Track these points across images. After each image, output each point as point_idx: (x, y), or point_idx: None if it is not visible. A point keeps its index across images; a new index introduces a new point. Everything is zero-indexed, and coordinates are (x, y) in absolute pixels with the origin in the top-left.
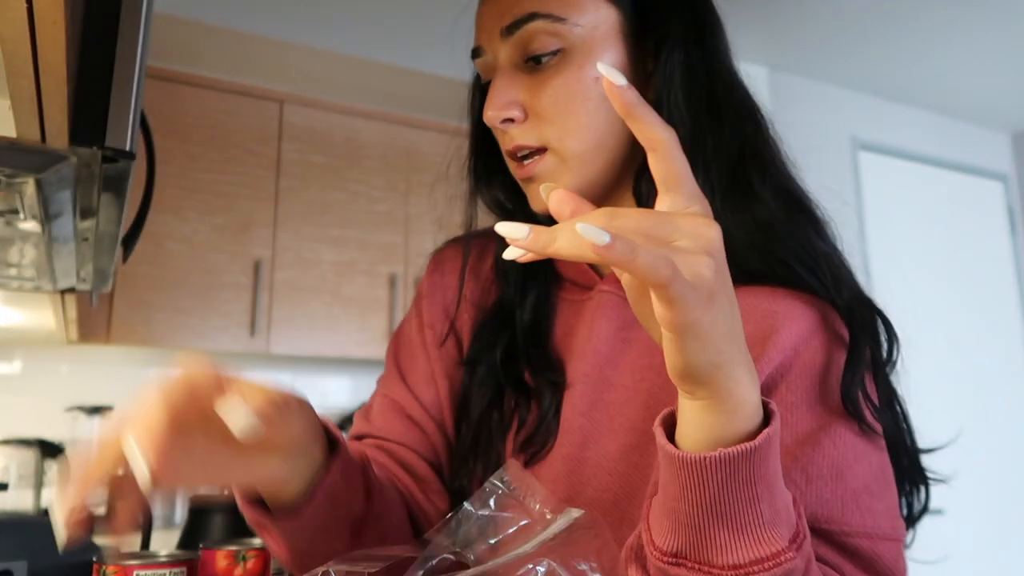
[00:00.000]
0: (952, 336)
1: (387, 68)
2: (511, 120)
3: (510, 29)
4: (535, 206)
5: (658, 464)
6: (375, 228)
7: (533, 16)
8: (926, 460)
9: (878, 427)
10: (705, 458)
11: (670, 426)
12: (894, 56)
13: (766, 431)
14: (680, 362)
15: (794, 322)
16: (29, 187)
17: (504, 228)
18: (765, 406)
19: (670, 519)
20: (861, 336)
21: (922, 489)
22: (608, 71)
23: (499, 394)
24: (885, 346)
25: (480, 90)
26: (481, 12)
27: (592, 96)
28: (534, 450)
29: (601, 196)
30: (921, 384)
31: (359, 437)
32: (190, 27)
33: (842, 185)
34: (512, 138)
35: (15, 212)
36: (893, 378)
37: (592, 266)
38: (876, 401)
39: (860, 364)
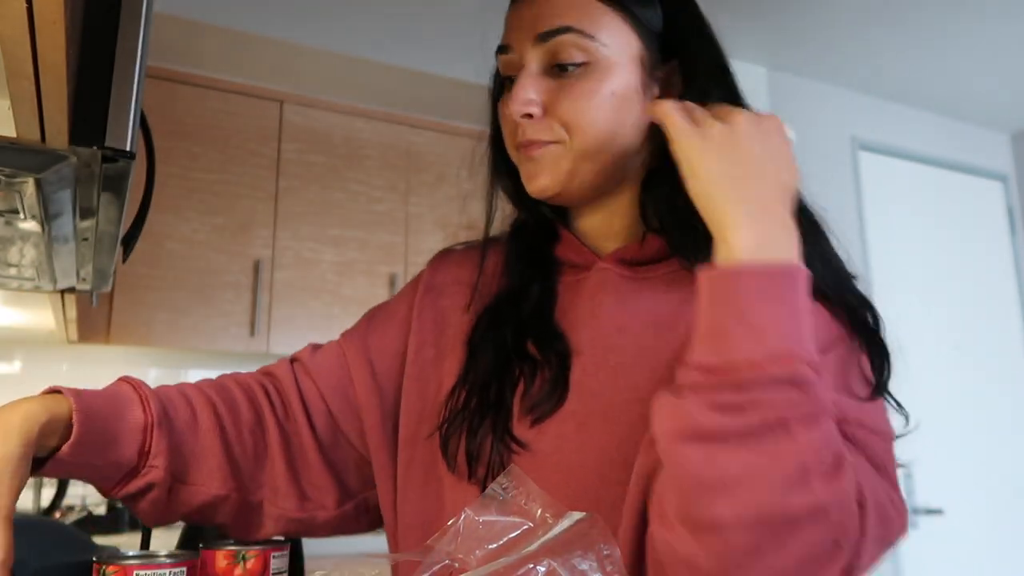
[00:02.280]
0: (952, 336)
1: (387, 68)
2: (529, 116)
3: (543, 37)
4: (531, 185)
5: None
6: (375, 228)
7: (567, 29)
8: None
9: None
10: (724, 271)
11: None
12: (894, 56)
13: (755, 262)
14: (689, 186)
15: (825, 325)
16: (29, 187)
17: None
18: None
19: (702, 333)
20: (860, 333)
21: None
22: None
23: (506, 368)
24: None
25: (499, 85)
26: (515, 14)
27: (605, 106)
28: (544, 409)
29: (600, 195)
30: (921, 383)
31: (295, 359)
32: (190, 27)
33: (842, 185)
34: (525, 131)
35: (15, 212)
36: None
37: (589, 247)
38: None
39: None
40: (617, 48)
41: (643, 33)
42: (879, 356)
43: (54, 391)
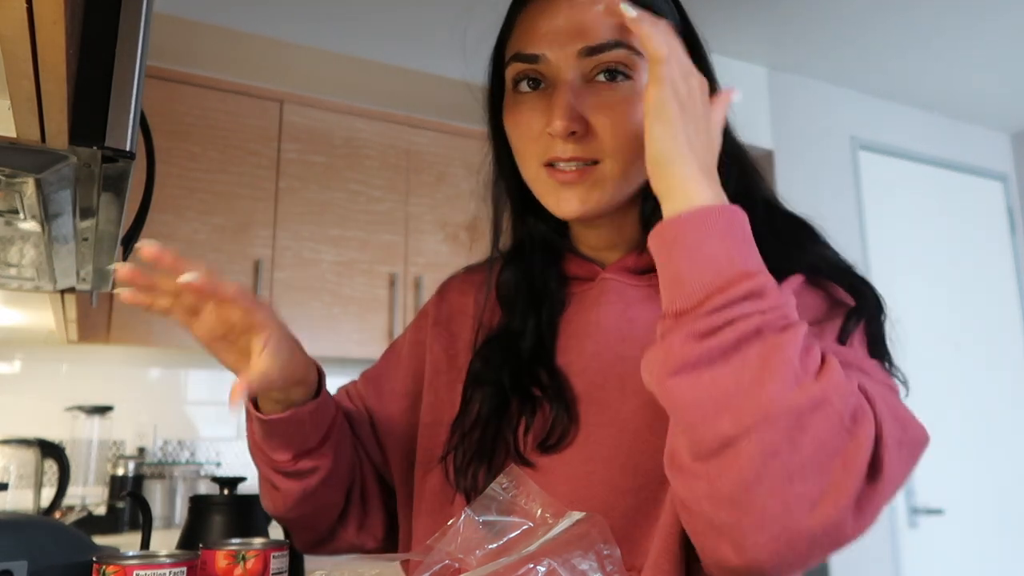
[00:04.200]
0: (952, 336)
1: (387, 68)
2: (574, 132)
3: (593, 51)
4: (566, 210)
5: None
6: (375, 228)
7: (619, 44)
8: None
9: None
10: (665, 225)
11: None
12: (894, 56)
13: (701, 208)
14: (651, 147)
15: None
16: (29, 187)
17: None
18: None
19: (664, 289)
20: (859, 301)
21: None
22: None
23: (505, 405)
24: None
25: (498, 92)
26: (545, 21)
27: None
28: (552, 442)
29: (614, 212)
30: (921, 384)
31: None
32: (190, 27)
33: (842, 185)
34: (568, 149)
35: (15, 212)
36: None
37: (593, 260)
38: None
39: (851, 321)
40: None
41: None
42: (878, 328)
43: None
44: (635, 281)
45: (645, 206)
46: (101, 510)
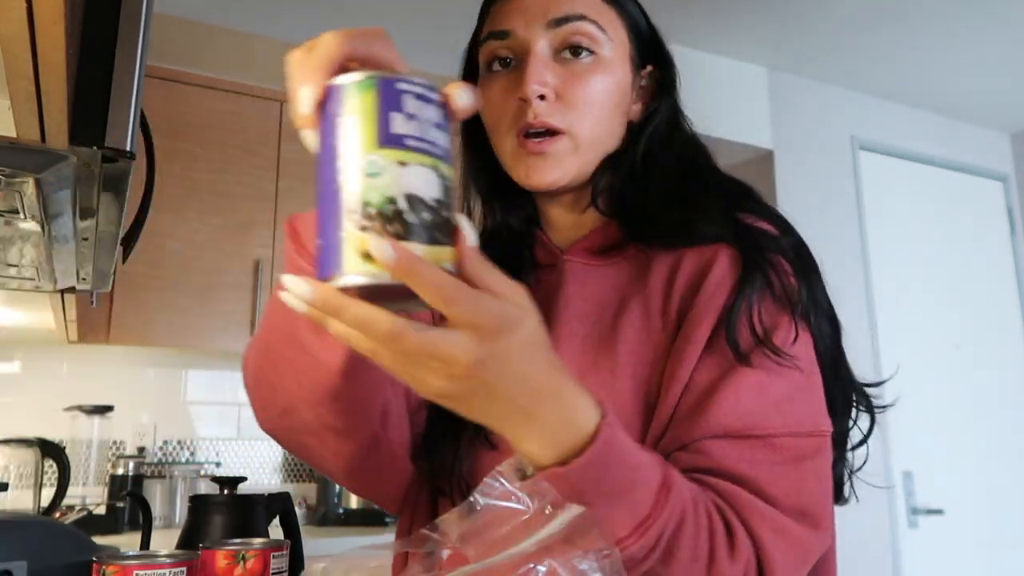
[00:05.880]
0: (952, 336)
1: None
2: (543, 97)
3: (560, 22)
4: (536, 179)
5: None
6: None
7: (584, 17)
8: (870, 390)
9: (792, 354)
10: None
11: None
12: (894, 56)
13: (565, 473)
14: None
15: (719, 265)
16: (29, 187)
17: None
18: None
19: None
20: (749, 274)
21: (864, 415)
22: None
23: None
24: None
25: (470, 72)
26: (513, 3)
27: (609, 100)
28: None
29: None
30: (922, 384)
31: None
32: (190, 27)
33: (842, 185)
34: (537, 113)
35: (15, 212)
36: (825, 306)
37: (559, 244)
38: (786, 333)
39: (740, 299)
40: (617, 45)
41: (632, 35)
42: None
43: None
44: (596, 261)
45: (597, 179)
46: (101, 510)
